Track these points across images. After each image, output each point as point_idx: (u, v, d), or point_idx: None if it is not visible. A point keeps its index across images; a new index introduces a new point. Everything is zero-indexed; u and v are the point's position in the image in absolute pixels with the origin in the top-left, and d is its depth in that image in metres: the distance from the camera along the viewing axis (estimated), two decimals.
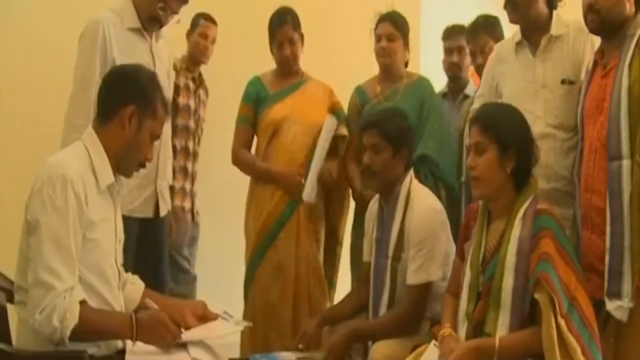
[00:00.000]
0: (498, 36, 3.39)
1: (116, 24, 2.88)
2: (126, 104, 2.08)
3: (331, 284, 3.48)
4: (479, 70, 3.37)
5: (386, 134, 2.64)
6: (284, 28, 3.28)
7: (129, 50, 2.87)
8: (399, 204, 2.64)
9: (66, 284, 1.89)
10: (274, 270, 3.25)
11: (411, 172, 2.72)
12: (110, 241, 2.12)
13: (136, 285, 2.32)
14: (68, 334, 1.87)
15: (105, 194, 2.09)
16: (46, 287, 1.87)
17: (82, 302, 1.92)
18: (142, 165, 2.19)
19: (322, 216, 3.40)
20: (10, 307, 2.04)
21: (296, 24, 3.32)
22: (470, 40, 3.42)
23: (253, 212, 3.33)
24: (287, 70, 3.38)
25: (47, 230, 1.90)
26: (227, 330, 2.24)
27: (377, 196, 2.81)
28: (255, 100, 3.37)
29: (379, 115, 2.75)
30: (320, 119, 3.33)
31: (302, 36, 3.35)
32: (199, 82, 4.06)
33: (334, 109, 3.38)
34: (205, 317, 2.25)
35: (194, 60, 4.00)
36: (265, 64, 3.43)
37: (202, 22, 3.99)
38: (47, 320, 1.86)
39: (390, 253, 2.63)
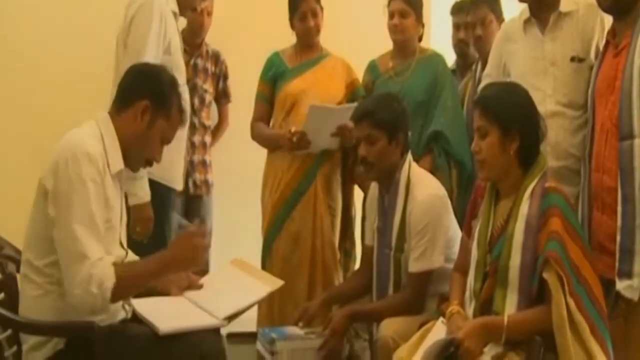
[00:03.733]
0: (498, 12, 3.36)
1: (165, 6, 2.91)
2: (141, 97, 2.13)
3: (349, 256, 3.50)
4: (477, 42, 3.37)
5: (378, 122, 2.60)
6: (307, 0, 3.28)
7: (174, 34, 2.93)
8: (399, 193, 2.62)
9: (97, 254, 1.95)
10: (292, 242, 3.29)
11: (409, 157, 2.69)
12: (117, 223, 2.17)
13: None
14: (109, 295, 1.94)
15: (115, 178, 2.14)
16: (79, 260, 1.93)
17: (114, 264, 1.99)
18: (149, 164, 2.24)
19: (338, 190, 3.41)
20: None
21: None
22: (470, 11, 3.39)
23: (270, 184, 3.36)
24: (309, 42, 3.39)
25: (76, 207, 1.96)
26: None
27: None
28: (273, 76, 3.39)
29: (369, 105, 2.70)
30: (339, 94, 3.34)
31: (322, 9, 3.35)
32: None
33: (353, 86, 3.39)
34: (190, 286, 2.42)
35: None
36: (283, 39, 3.44)
37: None
38: (86, 291, 1.92)
39: (393, 244, 2.63)
